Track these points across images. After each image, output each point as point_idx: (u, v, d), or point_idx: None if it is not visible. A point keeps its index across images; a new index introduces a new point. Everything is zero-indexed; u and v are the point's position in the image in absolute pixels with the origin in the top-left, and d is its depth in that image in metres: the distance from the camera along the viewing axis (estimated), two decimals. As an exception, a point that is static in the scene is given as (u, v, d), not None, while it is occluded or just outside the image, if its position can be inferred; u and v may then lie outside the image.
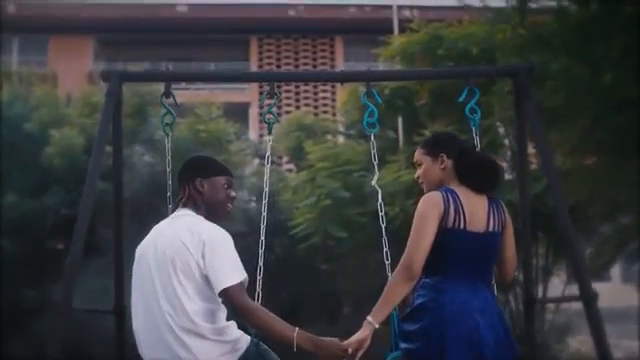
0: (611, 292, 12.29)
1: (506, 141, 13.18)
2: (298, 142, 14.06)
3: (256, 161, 15.30)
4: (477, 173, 3.10)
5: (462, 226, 3.01)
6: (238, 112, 19.53)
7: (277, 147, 13.87)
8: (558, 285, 12.86)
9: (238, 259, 3.10)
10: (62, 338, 3.23)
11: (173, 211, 3.33)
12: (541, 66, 8.25)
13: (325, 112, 21.44)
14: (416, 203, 3.22)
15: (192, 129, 12.57)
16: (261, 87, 23.13)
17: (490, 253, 3.15)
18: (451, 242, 3.02)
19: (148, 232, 3.30)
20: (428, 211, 3.00)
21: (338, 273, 12.83)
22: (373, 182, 3.49)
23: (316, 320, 13.26)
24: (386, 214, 3.59)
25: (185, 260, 3.01)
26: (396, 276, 3.04)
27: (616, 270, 17.74)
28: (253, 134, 20.81)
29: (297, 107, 21.28)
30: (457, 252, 3.04)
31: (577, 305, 3.68)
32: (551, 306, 12.46)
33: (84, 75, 22.22)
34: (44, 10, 22.22)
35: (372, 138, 3.59)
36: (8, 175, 12.67)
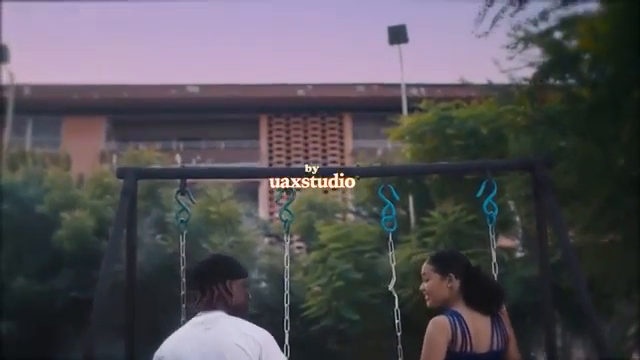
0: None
1: (517, 218, 13.14)
2: (309, 221, 14.02)
3: (266, 240, 15.25)
4: (484, 299, 3.29)
5: (469, 349, 3.20)
6: (248, 190, 19.61)
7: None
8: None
9: None
10: None
11: (194, 312, 3.25)
12: (549, 144, 8.35)
13: (334, 189, 21.47)
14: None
15: (203, 210, 12.56)
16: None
17: None
18: None
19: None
20: (437, 337, 3.19)
21: (350, 356, 12.55)
22: (390, 287, 3.42)
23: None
24: (398, 296, 3.56)
25: None
26: None
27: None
28: (263, 212, 20.80)
29: (307, 184, 21.31)
30: None
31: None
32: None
33: (96, 154, 22.49)
34: (58, 92, 22.68)
35: (390, 238, 3.49)
36: (18, 257, 12.64)
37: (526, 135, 9.07)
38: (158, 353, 3.06)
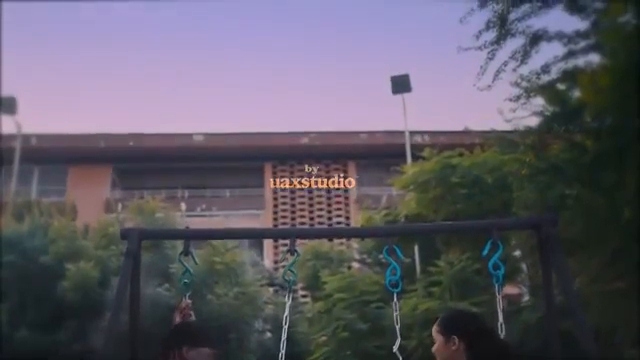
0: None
1: (523, 266, 13.04)
2: (314, 271, 13.96)
3: (271, 289, 15.15)
4: None
5: None
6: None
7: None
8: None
9: None
10: None
11: None
12: (553, 192, 8.32)
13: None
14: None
15: (208, 260, 12.50)
16: (276, 214, 23.38)
17: None
18: None
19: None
20: None
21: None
22: (395, 349, 3.31)
23: None
24: (404, 348, 3.43)
25: None
26: None
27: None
28: (268, 261, 20.70)
29: (311, 230, 21.23)
30: None
31: None
32: None
33: (102, 203, 22.54)
34: (63, 141, 22.85)
35: (395, 298, 3.43)
36: (22, 308, 12.57)
37: (530, 183, 9.06)
38: None
